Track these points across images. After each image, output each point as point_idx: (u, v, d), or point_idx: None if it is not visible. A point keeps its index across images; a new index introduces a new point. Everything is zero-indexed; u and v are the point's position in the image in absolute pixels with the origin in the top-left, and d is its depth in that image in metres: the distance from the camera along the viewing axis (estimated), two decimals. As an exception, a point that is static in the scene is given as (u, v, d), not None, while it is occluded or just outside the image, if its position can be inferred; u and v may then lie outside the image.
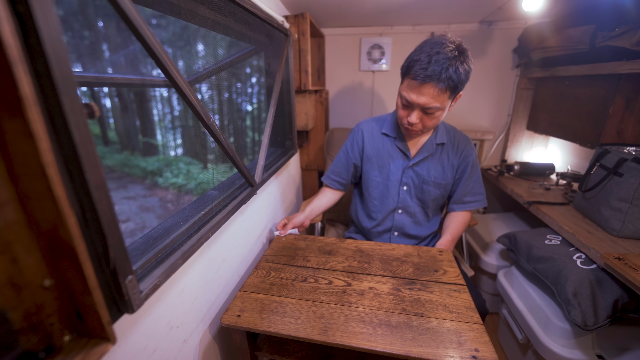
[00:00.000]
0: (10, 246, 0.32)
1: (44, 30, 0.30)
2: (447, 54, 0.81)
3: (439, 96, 0.85)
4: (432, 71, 0.81)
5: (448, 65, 0.81)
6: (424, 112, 0.89)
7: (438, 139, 1.05)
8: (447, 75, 0.81)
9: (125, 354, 0.49)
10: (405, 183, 1.08)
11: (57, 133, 0.33)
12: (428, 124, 0.92)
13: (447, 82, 0.82)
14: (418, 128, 0.94)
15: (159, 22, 3.10)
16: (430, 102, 0.86)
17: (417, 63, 0.84)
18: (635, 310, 0.91)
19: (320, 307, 0.73)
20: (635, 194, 0.96)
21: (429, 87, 0.84)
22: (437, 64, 0.81)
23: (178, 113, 4.55)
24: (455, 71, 0.82)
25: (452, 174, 1.08)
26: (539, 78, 1.64)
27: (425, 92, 0.85)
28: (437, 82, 0.82)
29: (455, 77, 0.82)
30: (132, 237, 0.60)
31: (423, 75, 0.83)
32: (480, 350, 0.61)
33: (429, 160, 1.06)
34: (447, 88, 0.84)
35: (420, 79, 0.83)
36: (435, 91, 0.84)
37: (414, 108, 0.90)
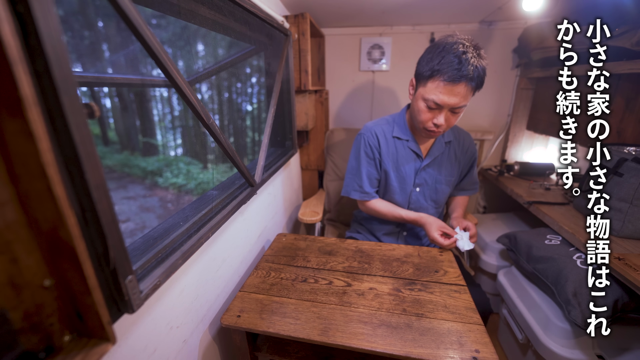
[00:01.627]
0: (10, 246, 0.32)
1: (44, 30, 0.30)
2: (472, 53, 0.84)
3: (468, 95, 0.87)
4: (465, 70, 0.83)
5: (477, 63, 0.84)
6: (452, 111, 0.91)
7: (446, 138, 1.07)
8: (477, 73, 0.84)
9: (125, 354, 0.49)
10: (418, 184, 1.08)
11: (57, 133, 0.33)
12: (452, 123, 0.94)
13: (477, 80, 0.86)
14: (443, 129, 0.94)
15: (159, 22, 3.10)
16: (461, 102, 0.87)
17: (447, 65, 0.84)
18: (635, 310, 0.91)
19: (321, 308, 0.73)
20: (635, 194, 0.96)
21: (461, 87, 0.85)
22: (468, 63, 0.82)
23: (178, 113, 4.55)
24: (482, 68, 0.86)
25: (459, 169, 1.11)
26: (539, 78, 1.64)
27: (457, 92, 0.86)
28: (469, 81, 0.84)
29: (482, 74, 0.86)
30: (132, 237, 0.60)
31: (458, 75, 0.83)
32: (481, 351, 0.61)
33: (440, 159, 1.08)
34: (476, 85, 0.87)
35: (456, 80, 0.84)
36: (466, 90, 0.86)
37: (442, 109, 0.90)
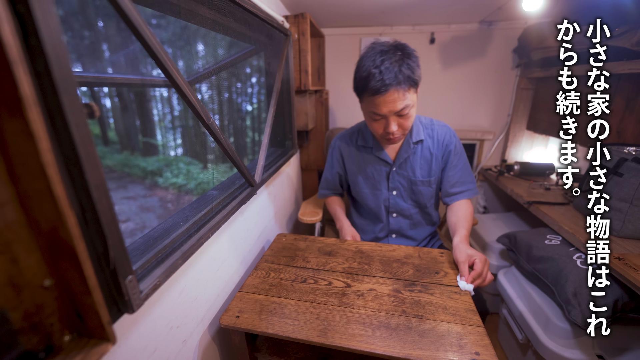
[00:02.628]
0: (10, 246, 0.32)
1: (44, 30, 0.30)
2: (391, 58, 0.83)
3: (405, 96, 0.85)
4: (388, 79, 0.82)
5: (399, 66, 0.83)
6: (399, 116, 0.89)
7: (414, 138, 1.03)
8: (403, 75, 0.83)
9: (125, 354, 0.49)
10: (393, 188, 1.08)
11: (57, 133, 0.33)
12: (406, 125, 0.92)
13: (407, 81, 0.84)
14: (399, 133, 0.93)
15: (159, 22, 3.10)
16: (400, 105, 0.86)
17: (369, 80, 0.84)
18: (635, 310, 0.91)
19: (320, 309, 0.73)
20: (635, 194, 0.96)
21: (392, 94, 0.84)
22: (388, 71, 0.82)
23: (178, 113, 4.55)
24: (408, 67, 0.84)
25: (437, 166, 1.06)
26: (539, 78, 1.64)
27: (391, 100, 0.85)
28: (398, 86, 0.83)
29: (410, 73, 0.84)
30: (132, 237, 0.60)
31: (382, 86, 0.83)
32: (481, 353, 0.61)
33: (411, 160, 1.05)
34: (409, 86, 0.85)
35: (382, 91, 0.84)
36: (399, 94, 0.84)
37: (387, 117, 0.89)
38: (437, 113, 1.91)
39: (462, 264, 0.82)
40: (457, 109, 1.89)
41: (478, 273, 0.79)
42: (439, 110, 1.91)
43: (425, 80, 1.86)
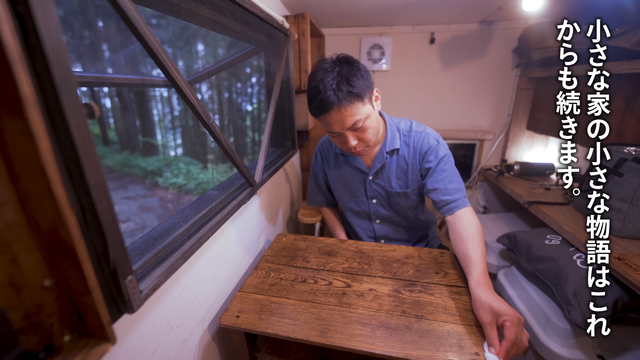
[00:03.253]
0: (10, 246, 0.32)
1: (44, 30, 0.30)
2: (329, 75, 0.80)
3: (352, 111, 0.81)
4: (327, 97, 0.79)
5: (338, 83, 0.79)
6: (355, 130, 0.85)
7: (387, 147, 0.97)
8: (342, 93, 0.79)
9: (125, 354, 0.49)
10: (372, 196, 1.05)
11: (57, 133, 0.33)
12: (367, 138, 0.87)
13: (348, 97, 0.79)
14: (362, 147, 0.88)
15: (159, 22, 3.10)
16: (350, 121, 0.82)
17: (312, 99, 0.82)
18: (635, 310, 0.92)
19: (320, 309, 0.73)
20: (635, 194, 0.96)
21: (337, 112, 0.80)
22: (328, 89, 0.79)
23: (178, 113, 4.55)
24: (347, 83, 0.79)
25: (414, 176, 0.98)
26: (539, 78, 1.64)
27: (338, 117, 0.81)
28: (340, 103, 0.79)
29: (349, 88, 0.79)
30: (132, 237, 0.60)
31: (324, 107, 0.80)
32: (481, 354, 0.61)
33: (387, 170, 1.00)
34: (353, 100, 0.80)
35: (325, 110, 0.81)
36: (344, 110, 0.80)
37: (343, 134, 0.85)
38: (437, 113, 1.91)
39: (488, 327, 0.62)
40: (457, 109, 1.89)
41: (512, 342, 0.58)
42: (439, 110, 1.91)
43: (425, 80, 1.86)
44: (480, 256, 0.75)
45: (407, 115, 1.92)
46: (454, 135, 1.90)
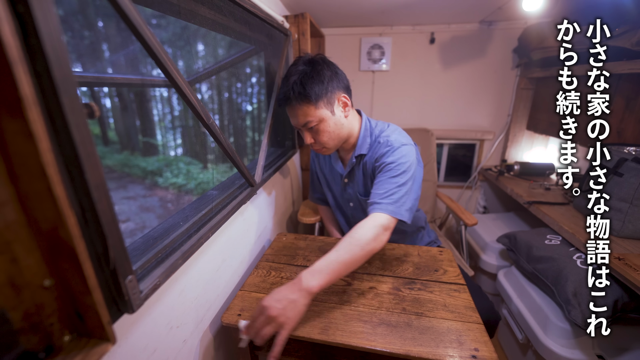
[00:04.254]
0: (10, 246, 0.32)
1: (44, 30, 0.30)
2: (294, 74, 0.83)
3: (302, 111, 0.84)
4: (285, 93, 0.84)
5: (292, 83, 0.82)
6: (309, 130, 0.88)
7: (357, 151, 0.96)
8: (298, 90, 0.81)
9: (125, 354, 0.49)
10: (349, 199, 1.07)
11: (57, 133, 0.33)
12: (322, 139, 0.89)
13: (299, 97, 0.82)
14: (318, 147, 0.92)
15: (159, 22, 3.10)
16: (303, 120, 0.85)
17: (280, 92, 0.87)
18: (635, 310, 0.92)
19: (321, 307, 0.73)
20: (635, 194, 0.96)
21: (291, 109, 0.86)
22: (285, 87, 0.84)
23: (178, 113, 4.55)
24: (302, 84, 0.81)
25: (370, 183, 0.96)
26: (539, 78, 1.64)
27: (293, 114, 0.87)
28: (295, 102, 0.83)
29: (304, 91, 0.81)
30: (132, 237, 0.60)
31: (282, 100, 0.86)
32: (480, 349, 0.61)
33: (356, 175, 0.99)
34: (308, 102, 0.82)
35: (283, 105, 0.87)
36: (298, 110, 0.84)
37: (301, 129, 0.90)
38: (437, 113, 1.91)
39: None
40: (457, 109, 1.89)
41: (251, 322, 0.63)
42: (439, 110, 1.91)
43: (425, 80, 1.86)
44: (334, 259, 0.68)
45: (407, 115, 1.93)
46: (454, 135, 1.90)
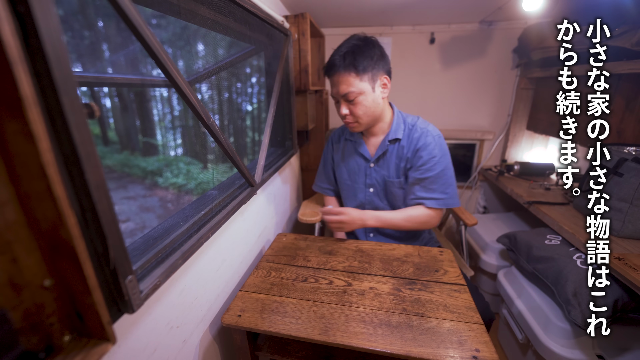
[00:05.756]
0: (10, 246, 0.32)
1: (44, 30, 0.30)
2: (347, 44, 0.91)
3: (348, 81, 0.91)
4: (333, 60, 0.91)
5: (345, 53, 0.90)
6: (348, 101, 0.94)
7: (390, 135, 1.02)
8: (348, 60, 0.89)
9: (125, 354, 0.49)
10: (370, 185, 1.09)
11: (57, 133, 0.33)
12: (357, 113, 0.95)
13: (349, 67, 0.90)
14: (352, 120, 0.97)
15: (159, 22, 3.10)
16: (344, 89, 0.91)
17: (328, 60, 0.94)
18: (635, 310, 0.92)
19: (321, 307, 0.73)
20: (635, 194, 0.96)
21: (337, 77, 0.92)
22: (337, 55, 0.91)
23: (178, 113, 4.55)
24: (354, 56, 0.89)
25: (404, 170, 1.03)
26: (539, 78, 1.64)
27: (336, 82, 0.93)
28: (342, 70, 0.90)
29: (354, 61, 0.89)
30: (132, 237, 0.60)
31: (329, 67, 0.93)
32: (481, 350, 0.61)
33: (387, 158, 1.04)
34: (355, 72, 0.90)
35: (327, 71, 0.94)
36: (342, 78, 0.91)
37: (340, 101, 0.96)
38: (437, 113, 1.91)
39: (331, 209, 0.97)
40: (457, 109, 1.88)
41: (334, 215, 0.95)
42: (439, 110, 1.91)
43: (425, 80, 1.86)
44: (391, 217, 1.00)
45: (407, 115, 1.92)
46: (454, 135, 1.90)
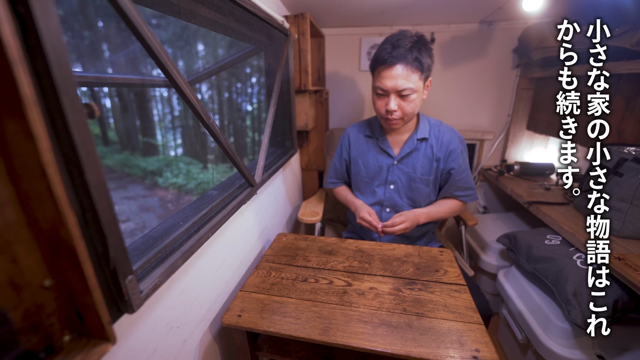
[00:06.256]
0: (10, 246, 0.32)
1: (44, 30, 0.30)
2: (405, 39, 0.90)
3: (409, 76, 0.90)
4: (398, 53, 0.88)
5: (411, 47, 0.89)
6: (400, 96, 0.92)
7: (419, 134, 1.05)
8: (412, 56, 0.88)
9: (125, 354, 0.49)
10: (391, 182, 1.09)
11: (57, 133, 0.33)
12: (406, 110, 0.94)
13: (414, 63, 0.89)
14: (398, 116, 0.96)
15: (159, 22, 3.10)
16: (403, 84, 0.90)
17: (382, 52, 0.91)
18: (635, 310, 0.91)
19: (321, 307, 0.73)
20: (635, 194, 0.96)
21: (398, 69, 0.89)
22: (401, 47, 0.89)
23: (178, 113, 4.55)
24: (419, 52, 0.89)
25: (437, 168, 1.06)
26: (539, 78, 1.64)
27: (395, 75, 0.90)
28: (405, 63, 0.89)
29: (420, 57, 0.89)
30: (132, 237, 0.60)
31: (391, 58, 0.89)
32: (481, 350, 0.61)
33: (414, 156, 1.06)
34: (415, 68, 0.90)
35: (389, 62, 0.90)
36: (404, 72, 0.89)
37: (389, 94, 0.93)
38: (437, 113, 1.91)
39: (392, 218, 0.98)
40: (457, 109, 1.88)
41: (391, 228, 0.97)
42: (438, 110, 1.91)
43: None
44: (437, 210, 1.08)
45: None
46: (454, 135, 1.90)
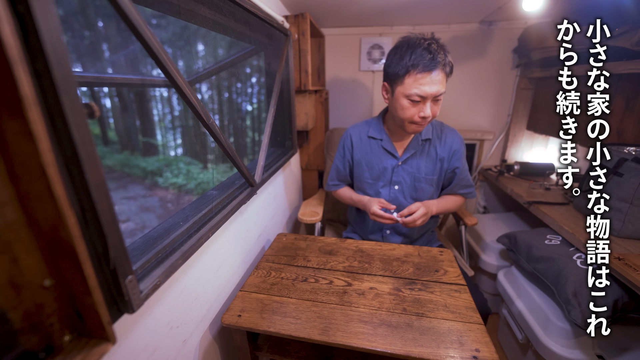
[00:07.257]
0: (10, 246, 0.32)
1: (44, 30, 0.30)
2: (435, 44, 0.90)
3: (444, 81, 0.92)
4: (437, 58, 0.88)
5: (442, 51, 0.90)
6: (433, 101, 0.93)
7: (423, 135, 1.07)
8: (447, 60, 0.91)
9: (125, 354, 0.49)
10: (396, 182, 1.10)
11: (57, 133, 0.33)
12: (436, 113, 0.96)
13: (449, 67, 0.92)
14: (428, 120, 0.97)
15: (159, 22, 3.10)
16: (440, 89, 0.91)
17: (419, 58, 0.89)
18: (635, 310, 0.91)
19: (321, 307, 0.73)
20: (635, 194, 0.96)
21: (436, 74, 0.89)
22: (436, 52, 0.89)
23: (178, 113, 4.55)
24: (446, 55, 0.91)
25: (440, 168, 1.09)
26: (539, 78, 1.64)
27: (435, 80, 0.90)
28: (443, 67, 0.90)
29: (450, 61, 0.92)
30: (132, 237, 0.60)
31: (432, 64, 0.88)
32: (481, 350, 0.61)
33: (417, 157, 1.08)
34: (449, 72, 0.92)
35: (430, 68, 0.89)
36: (442, 76, 0.91)
37: (425, 101, 0.92)
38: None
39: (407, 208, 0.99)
40: (457, 109, 1.88)
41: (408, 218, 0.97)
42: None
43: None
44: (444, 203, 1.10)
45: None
46: (454, 135, 1.90)
